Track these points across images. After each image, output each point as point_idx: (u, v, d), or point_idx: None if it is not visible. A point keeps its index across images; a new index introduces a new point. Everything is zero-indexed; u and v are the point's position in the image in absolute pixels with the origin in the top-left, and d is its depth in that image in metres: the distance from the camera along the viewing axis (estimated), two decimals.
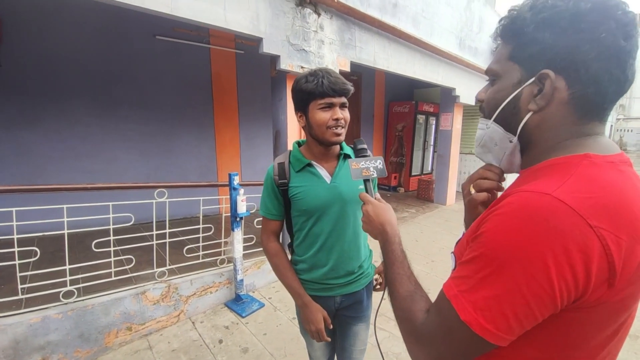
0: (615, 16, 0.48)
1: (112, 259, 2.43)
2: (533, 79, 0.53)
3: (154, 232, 2.57)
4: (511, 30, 0.56)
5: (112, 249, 2.43)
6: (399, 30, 4.00)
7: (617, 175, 0.49)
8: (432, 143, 8.29)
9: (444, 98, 6.25)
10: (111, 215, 2.37)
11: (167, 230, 2.63)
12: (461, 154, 7.35)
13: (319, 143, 1.18)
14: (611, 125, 24.07)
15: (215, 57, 4.84)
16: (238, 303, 2.86)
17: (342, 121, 1.13)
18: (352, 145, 1.21)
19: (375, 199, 0.88)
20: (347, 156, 1.24)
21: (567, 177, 0.48)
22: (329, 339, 1.24)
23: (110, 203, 2.36)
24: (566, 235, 0.42)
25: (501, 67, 0.59)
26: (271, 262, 1.29)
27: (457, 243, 0.66)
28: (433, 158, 8.24)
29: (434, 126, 8.13)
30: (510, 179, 0.63)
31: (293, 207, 1.22)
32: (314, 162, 1.21)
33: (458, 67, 5.60)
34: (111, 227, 2.40)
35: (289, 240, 1.37)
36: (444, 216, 5.91)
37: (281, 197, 1.22)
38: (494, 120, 0.60)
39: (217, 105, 4.97)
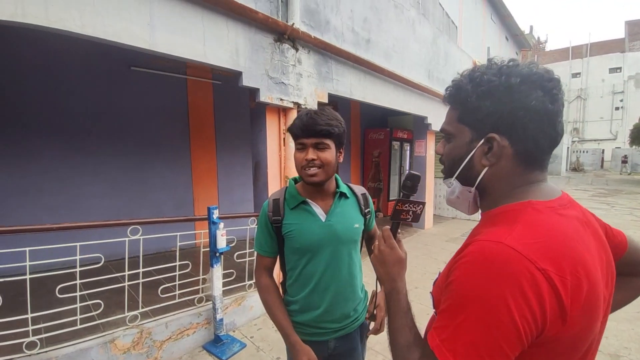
0: (541, 85, 0.58)
1: (78, 304, 2.23)
2: (482, 140, 0.62)
3: (126, 273, 2.40)
4: (457, 98, 0.66)
5: (78, 293, 2.23)
6: (372, 64, 4.20)
7: (557, 219, 0.57)
8: (407, 168, 8.53)
9: (417, 126, 6.53)
10: (78, 257, 2.20)
11: (141, 270, 2.47)
12: (436, 177, 7.59)
13: (304, 182, 1.18)
14: (567, 148, 25.93)
15: (192, 87, 4.83)
16: (217, 345, 2.68)
17: (317, 162, 1.10)
18: (350, 189, 1.25)
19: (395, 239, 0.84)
20: (342, 194, 1.23)
21: (514, 224, 0.55)
22: None
23: (78, 243, 2.20)
24: (520, 278, 0.48)
25: (453, 129, 0.68)
26: (262, 298, 1.24)
27: (434, 283, 0.70)
28: None
29: (408, 152, 8.40)
30: None
31: (286, 245, 1.20)
32: (308, 200, 1.19)
33: (428, 97, 5.91)
34: (78, 269, 2.23)
35: (282, 279, 1.33)
36: (423, 240, 5.98)
37: (274, 233, 1.20)
38: (455, 177, 0.69)
39: (193, 136, 4.90)
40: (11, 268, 2.03)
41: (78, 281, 2.23)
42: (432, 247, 5.55)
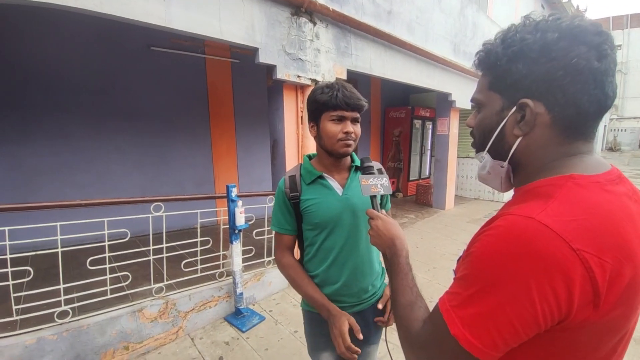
0: (585, 40, 0.50)
1: (108, 276, 2.36)
2: (514, 108, 0.56)
3: (151, 247, 2.51)
4: (487, 63, 0.60)
5: (107, 265, 2.36)
6: (394, 37, 4.01)
7: (603, 196, 0.50)
8: (429, 148, 8.30)
9: (440, 103, 6.27)
10: (106, 232, 2.31)
11: (165, 245, 2.57)
12: (459, 157, 7.36)
13: (328, 154, 1.17)
14: (605, 126, 24.34)
15: (210, 66, 4.82)
16: (238, 317, 2.80)
17: (353, 135, 1.13)
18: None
19: (380, 214, 0.92)
20: (358, 168, 1.22)
21: (551, 200, 0.50)
22: (359, 351, 1.10)
23: (105, 219, 2.31)
24: (548, 258, 0.44)
25: (484, 97, 0.62)
26: (287, 275, 1.24)
27: (458, 260, 0.67)
28: (430, 163, 8.24)
29: (430, 131, 8.15)
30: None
31: (305, 221, 1.20)
32: (325, 174, 1.19)
33: (453, 72, 5.63)
34: (106, 243, 2.34)
35: (299, 257, 1.33)
36: (444, 221, 5.89)
37: (293, 210, 1.20)
38: (487, 151, 0.65)
39: (213, 115, 4.94)
40: (44, 242, 2.16)
41: (107, 254, 2.36)
42: (452, 227, 5.46)
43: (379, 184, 0.98)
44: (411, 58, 4.55)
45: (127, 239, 2.37)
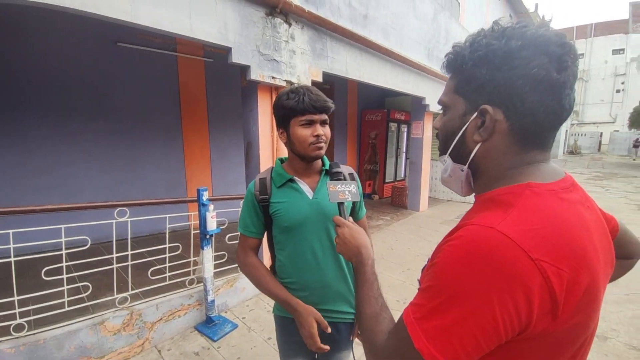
0: (547, 50, 0.51)
1: (65, 287, 2.21)
2: (476, 113, 0.56)
3: (114, 255, 2.36)
4: (454, 66, 0.60)
5: (65, 276, 2.21)
6: (370, 41, 4.04)
7: (559, 204, 0.52)
8: (404, 150, 8.45)
9: (415, 107, 6.40)
10: (63, 239, 2.16)
11: (129, 252, 2.44)
12: (432, 160, 7.53)
13: (300, 159, 1.17)
14: (566, 130, 25.82)
15: (182, 65, 4.66)
16: (209, 326, 2.70)
17: (323, 137, 1.13)
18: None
19: (347, 221, 0.90)
20: (328, 172, 1.22)
21: (510, 209, 0.50)
22: (328, 348, 1.12)
23: (63, 226, 2.15)
24: (508, 269, 0.44)
25: (449, 99, 0.62)
26: (250, 275, 1.21)
27: (422, 269, 0.67)
28: (405, 165, 8.39)
29: (405, 134, 8.30)
30: None
31: (274, 225, 1.19)
32: (295, 178, 1.18)
33: (427, 77, 5.76)
34: (64, 252, 2.19)
35: (271, 263, 1.30)
36: (418, 222, 6.00)
37: (262, 213, 1.19)
38: (449, 154, 0.65)
39: (185, 115, 4.78)
40: None
41: (64, 263, 2.20)
42: (425, 229, 5.57)
43: (347, 190, 0.96)
44: (386, 62, 4.61)
45: (87, 247, 2.22)
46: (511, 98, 0.52)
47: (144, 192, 4.42)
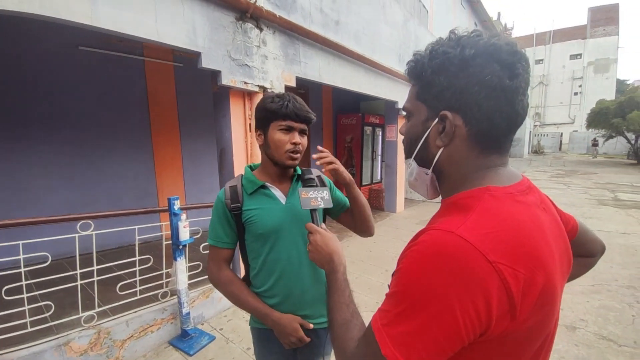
0: (499, 58, 0.53)
1: (27, 306, 2.06)
2: (437, 119, 0.58)
3: (78, 271, 2.23)
4: (415, 73, 0.62)
5: (25, 295, 2.06)
6: (342, 47, 4.09)
7: (515, 207, 0.53)
8: (379, 153, 8.59)
9: (388, 110, 6.53)
10: (22, 256, 2.01)
11: (95, 267, 2.31)
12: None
13: (274, 164, 1.16)
14: (530, 131, 27.25)
15: (150, 70, 4.51)
16: (185, 340, 2.59)
17: (300, 146, 1.13)
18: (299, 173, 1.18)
19: (320, 228, 0.90)
20: (300, 177, 1.21)
21: (469, 213, 0.52)
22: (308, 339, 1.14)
23: (20, 242, 2.00)
24: (467, 272, 0.46)
25: (412, 106, 0.64)
26: (226, 292, 1.17)
27: (393, 274, 0.67)
28: (381, 168, 8.53)
29: (380, 137, 8.45)
30: None
31: (248, 233, 1.16)
32: (267, 184, 1.17)
33: (399, 82, 5.90)
34: (22, 270, 2.04)
35: (244, 273, 1.27)
36: (395, 224, 6.10)
37: (234, 222, 1.16)
38: (413, 158, 0.66)
39: (154, 122, 4.62)
40: None
41: (24, 282, 2.05)
42: (403, 230, 5.67)
43: (319, 197, 0.96)
44: (359, 67, 4.68)
45: (47, 264, 2.08)
46: (468, 104, 0.54)
47: (112, 203, 4.22)
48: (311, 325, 1.14)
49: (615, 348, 2.46)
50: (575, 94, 31.73)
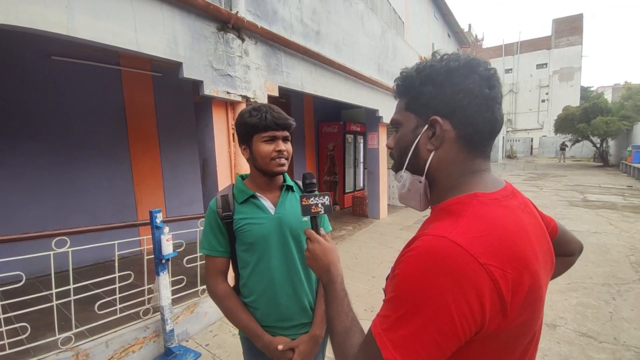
0: (478, 71, 0.60)
1: (4, 328, 1.94)
2: (427, 125, 0.63)
3: (53, 290, 2.11)
4: (403, 87, 0.68)
5: (1, 316, 1.93)
6: (323, 57, 4.15)
7: (501, 211, 0.58)
8: (361, 160, 8.70)
9: (369, 119, 6.65)
10: None
11: (72, 286, 2.19)
12: (389, 169, 7.83)
13: (263, 174, 1.19)
14: (503, 137, 28.38)
15: (127, 79, 4.41)
16: (168, 358, 2.49)
17: (285, 153, 1.16)
18: (296, 179, 1.19)
19: (320, 235, 0.91)
20: (289, 188, 1.25)
21: (460, 218, 0.55)
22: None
23: None
24: (461, 274, 0.49)
25: (401, 117, 0.69)
26: (222, 306, 1.19)
27: (387, 278, 0.69)
28: (364, 175, 8.63)
29: (362, 144, 8.56)
30: None
31: (238, 241, 1.18)
32: (257, 194, 1.19)
33: (379, 90, 6.03)
34: None
35: (234, 282, 1.26)
36: (379, 230, 6.15)
37: (225, 230, 1.17)
38: (405, 168, 0.69)
39: (132, 133, 4.49)
40: None
41: None
42: (387, 236, 5.73)
43: (320, 203, 0.96)
44: (340, 77, 4.76)
45: (22, 283, 1.96)
46: (455, 109, 0.60)
47: (87, 218, 4.04)
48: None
49: (595, 344, 2.56)
50: (543, 101, 33.41)
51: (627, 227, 5.78)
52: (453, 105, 0.60)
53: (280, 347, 1.14)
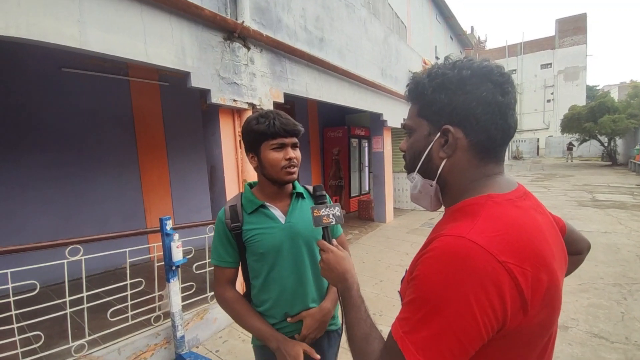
0: (491, 78, 0.60)
1: (17, 337, 1.97)
2: (439, 133, 0.64)
3: (67, 299, 2.15)
4: (415, 93, 0.68)
5: (15, 325, 1.97)
6: (327, 63, 4.19)
7: (516, 211, 0.58)
8: (366, 164, 8.70)
9: (374, 123, 6.66)
10: (10, 285, 1.93)
11: (85, 294, 2.23)
12: (394, 172, 7.83)
13: (272, 182, 1.16)
14: None
15: (136, 89, 4.49)
16: None
17: (295, 160, 1.13)
18: (302, 184, 1.18)
19: (332, 245, 0.90)
20: (299, 195, 1.22)
21: (476, 218, 0.56)
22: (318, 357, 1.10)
23: (9, 270, 1.93)
24: (481, 272, 0.49)
25: (414, 123, 0.69)
26: (231, 311, 1.17)
27: (402, 280, 0.70)
28: (369, 178, 8.63)
29: (366, 149, 8.58)
30: None
31: (248, 252, 1.16)
32: (267, 203, 1.17)
33: (383, 94, 6.06)
34: (12, 299, 1.95)
35: (245, 291, 1.26)
36: (386, 234, 6.13)
37: (234, 241, 1.15)
38: (417, 171, 0.70)
39: (140, 142, 4.56)
40: None
41: (13, 312, 1.96)
42: (393, 239, 5.70)
43: (331, 214, 0.95)
44: (344, 82, 4.79)
45: (36, 292, 2.00)
46: (467, 118, 0.60)
47: (97, 226, 4.10)
48: (318, 357, 1.11)
49: (607, 345, 2.53)
50: (548, 100, 33.17)
51: (637, 227, 5.70)
52: (466, 113, 0.60)
53: (289, 319, 1.14)
